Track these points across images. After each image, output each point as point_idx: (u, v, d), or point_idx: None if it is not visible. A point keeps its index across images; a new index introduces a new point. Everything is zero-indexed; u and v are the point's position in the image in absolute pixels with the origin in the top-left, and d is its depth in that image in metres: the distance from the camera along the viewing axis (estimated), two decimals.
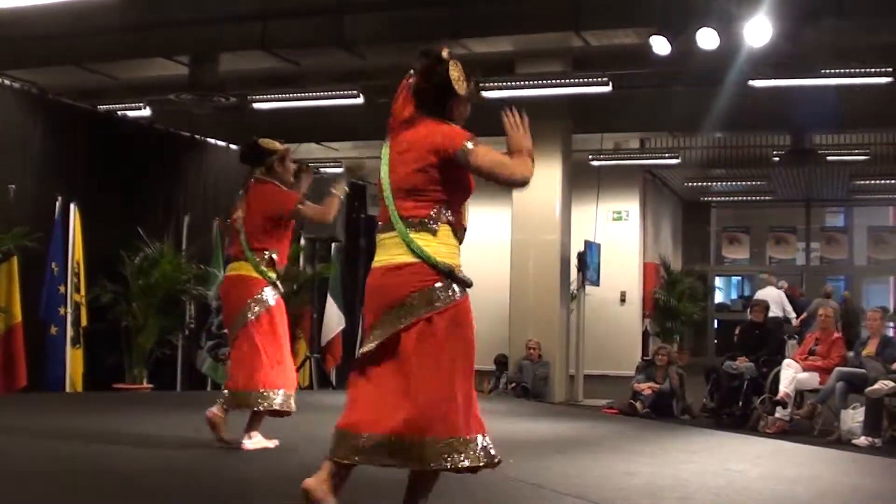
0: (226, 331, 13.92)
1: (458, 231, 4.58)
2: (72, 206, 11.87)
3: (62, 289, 11.68)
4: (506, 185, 4.65)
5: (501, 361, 16.14)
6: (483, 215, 21.65)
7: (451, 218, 4.52)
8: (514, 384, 15.08)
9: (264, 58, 14.98)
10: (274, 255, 7.30)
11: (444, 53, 4.61)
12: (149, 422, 8.83)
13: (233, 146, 15.37)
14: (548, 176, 15.88)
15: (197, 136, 14.81)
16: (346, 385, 14.34)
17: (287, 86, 16.08)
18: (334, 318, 15.94)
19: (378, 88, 16.59)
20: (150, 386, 12.68)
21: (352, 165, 7.60)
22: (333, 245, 15.63)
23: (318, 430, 8.72)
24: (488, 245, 20.74)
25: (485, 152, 4.51)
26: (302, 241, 15.47)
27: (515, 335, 15.89)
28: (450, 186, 4.52)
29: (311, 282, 14.93)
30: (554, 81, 14.36)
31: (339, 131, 19.02)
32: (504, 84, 14.40)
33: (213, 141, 15.03)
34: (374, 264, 4.54)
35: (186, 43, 14.41)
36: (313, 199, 7.37)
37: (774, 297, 17.19)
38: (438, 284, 4.43)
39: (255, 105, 15.86)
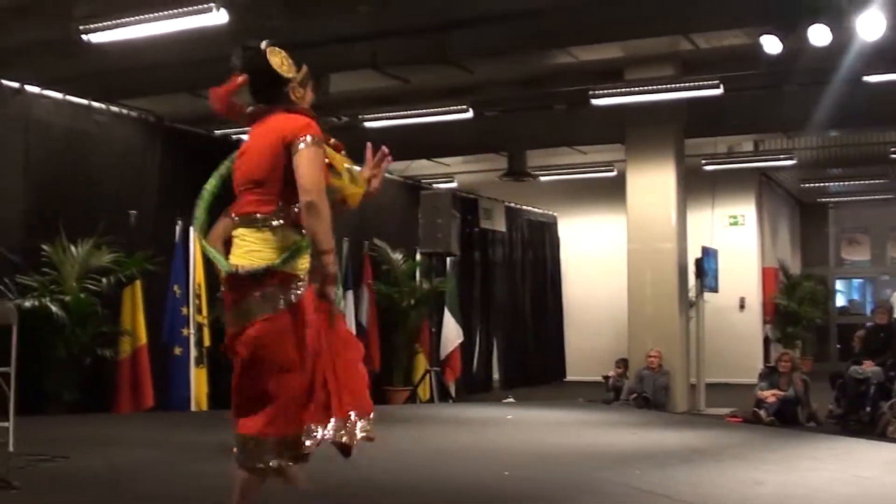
0: None
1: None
2: (191, 229, 12.06)
3: (185, 310, 11.87)
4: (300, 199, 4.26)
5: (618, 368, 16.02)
6: (598, 225, 21.67)
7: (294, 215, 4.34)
8: (634, 395, 14.94)
9: (374, 77, 15.13)
10: None
11: (263, 44, 4.53)
12: None
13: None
14: (661, 182, 15.75)
15: None
16: (463, 398, 14.31)
17: (397, 103, 16.20)
18: (452, 332, 15.99)
19: (486, 102, 16.66)
20: None
21: None
22: (448, 259, 15.68)
23: (442, 442, 8.80)
24: (604, 256, 20.73)
25: (312, 156, 4.26)
26: (418, 256, 15.56)
27: (635, 345, 15.75)
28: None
29: (429, 296, 15.00)
30: (664, 86, 14.22)
31: (449, 146, 19.12)
32: (614, 91, 14.32)
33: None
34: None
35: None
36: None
37: None
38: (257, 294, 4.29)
39: (367, 124, 16.01)
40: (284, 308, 4.26)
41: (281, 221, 4.31)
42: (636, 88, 14.37)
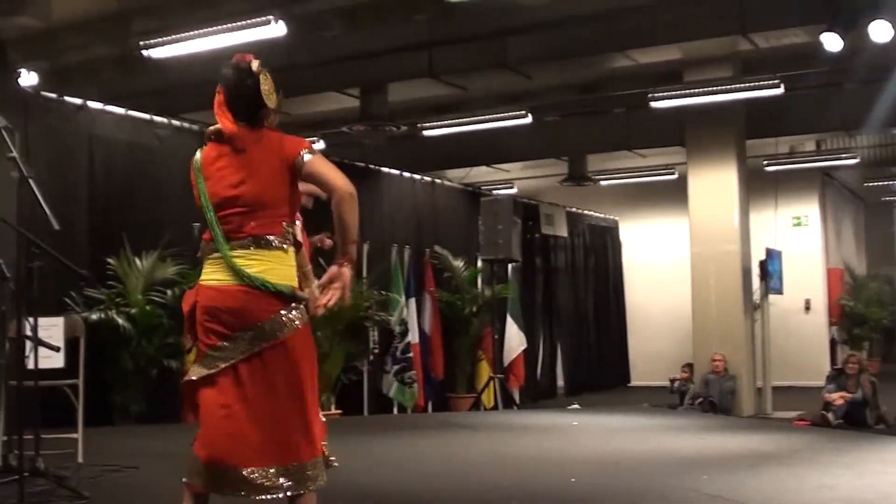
0: (410, 354, 14.18)
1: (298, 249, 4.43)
2: None
3: None
4: (336, 193, 4.18)
5: (680, 376, 15.96)
6: (659, 229, 21.56)
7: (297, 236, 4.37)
8: (700, 399, 14.82)
9: (432, 85, 15.16)
10: None
11: (255, 66, 4.38)
12: (339, 447, 8.95)
13: (406, 174, 15.56)
14: (723, 184, 15.62)
15: (371, 166, 15.05)
16: (528, 405, 14.23)
17: (455, 111, 16.23)
18: (515, 339, 15.97)
19: (545, 107, 16.63)
20: (339, 412, 12.89)
21: None
22: (510, 265, 15.66)
23: (507, 449, 8.78)
24: (667, 259, 20.62)
25: (322, 159, 4.28)
26: (479, 263, 15.57)
27: (699, 349, 15.62)
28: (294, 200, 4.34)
29: (491, 303, 14.98)
30: (724, 87, 14.11)
31: (509, 153, 19.13)
32: (673, 93, 14.25)
33: (386, 170, 15.26)
34: (217, 283, 4.23)
35: (356, 76, 14.67)
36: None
37: None
38: (283, 311, 4.18)
39: (426, 132, 16.05)
40: (304, 323, 4.23)
41: (290, 240, 4.27)
42: (696, 90, 14.27)
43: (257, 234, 4.20)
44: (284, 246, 4.24)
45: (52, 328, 7.41)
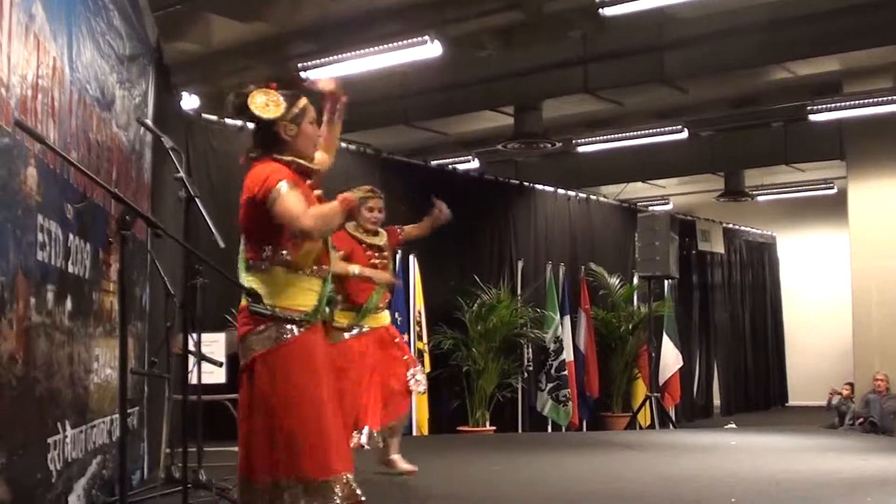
0: (565, 372, 14.13)
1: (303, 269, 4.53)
2: (411, 258, 12.34)
3: (406, 337, 12.12)
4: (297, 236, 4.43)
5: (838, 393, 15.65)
6: (818, 244, 21.10)
7: (287, 258, 4.46)
8: (861, 419, 14.46)
9: (586, 101, 15.13)
10: None
11: (249, 88, 4.58)
12: (493, 463, 9.01)
13: (561, 191, 15.56)
14: (885, 198, 15.19)
15: (525, 183, 15.10)
16: (684, 424, 14.03)
17: (610, 126, 16.17)
18: (671, 357, 15.78)
19: (701, 121, 16.45)
20: (493, 428, 12.96)
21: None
22: (666, 282, 15.51)
23: (665, 468, 8.72)
24: (826, 275, 20.17)
25: (283, 200, 4.38)
26: (635, 280, 15.48)
27: (861, 368, 15.22)
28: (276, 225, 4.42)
29: (647, 320, 14.85)
30: (885, 98, 13.76)
31: (664, 168, 18.96)
32: (833, 106, 13.96)
33: (540, 187, 15.26)
34: None
35: (510, 94, 14.73)
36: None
37: None
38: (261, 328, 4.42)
39: (580, 148, 16.02)
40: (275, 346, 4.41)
41: (268, 264, 4.45)
42: (856, 102, 13.95)
43: (245, 258, 4.54)
44: (261, 267, 4.46)
45: (214, 344, 7.70)
